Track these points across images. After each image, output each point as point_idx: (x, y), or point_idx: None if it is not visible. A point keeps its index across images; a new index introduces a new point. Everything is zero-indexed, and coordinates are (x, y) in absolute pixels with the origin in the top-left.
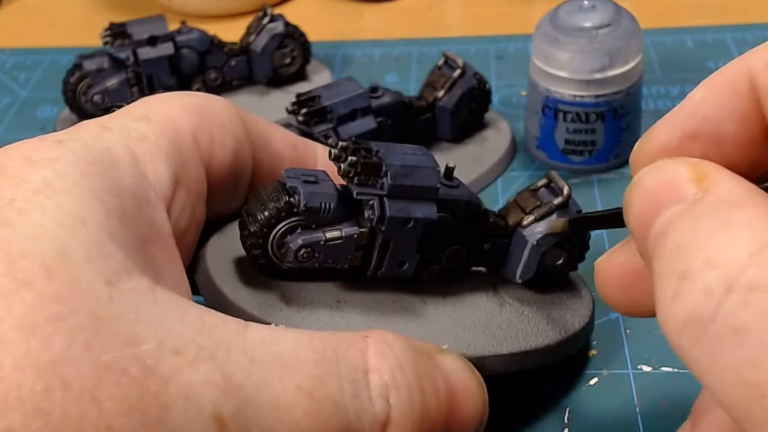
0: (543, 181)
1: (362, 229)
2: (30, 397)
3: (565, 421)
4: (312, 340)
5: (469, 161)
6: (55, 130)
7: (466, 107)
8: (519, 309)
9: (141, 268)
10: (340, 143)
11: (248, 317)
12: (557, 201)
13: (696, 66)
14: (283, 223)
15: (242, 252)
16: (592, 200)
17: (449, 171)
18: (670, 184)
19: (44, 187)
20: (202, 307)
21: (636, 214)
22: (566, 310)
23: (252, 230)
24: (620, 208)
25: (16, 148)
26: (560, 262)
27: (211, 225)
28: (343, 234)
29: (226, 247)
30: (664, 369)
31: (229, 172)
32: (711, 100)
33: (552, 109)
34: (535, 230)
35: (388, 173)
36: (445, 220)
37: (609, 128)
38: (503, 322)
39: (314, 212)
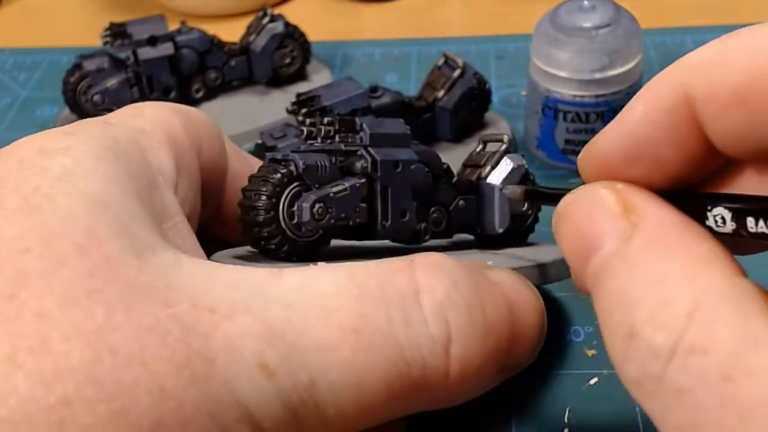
0: (480, 147)
1: (362, 180)
2: (80, 365)
3: (565, 421)
4: (353, 273)
5: None
6: None
7: (466, 107)
8: (514, 252)
9: (162, 244)
10: (307, 120)
11: None
12: (503, 147)
13: None
14: (289, 189)
15: (247, 255)
16: None
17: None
18: (598, 218)
19: (65, 173)
20: (230, 266)
21: (568, 248)
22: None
23: (260, 205)
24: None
25: (29, 141)
26: (525, 207)
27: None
28: (347, 185)
29: (229, 254)
30: None
31: (212, 171)
32: (649, 122)
33: (552, 109)
34: (496, 176)
35: (363, 125)
36: (426, 170)
37: None
38: (504, 256)
39: (313, 170)
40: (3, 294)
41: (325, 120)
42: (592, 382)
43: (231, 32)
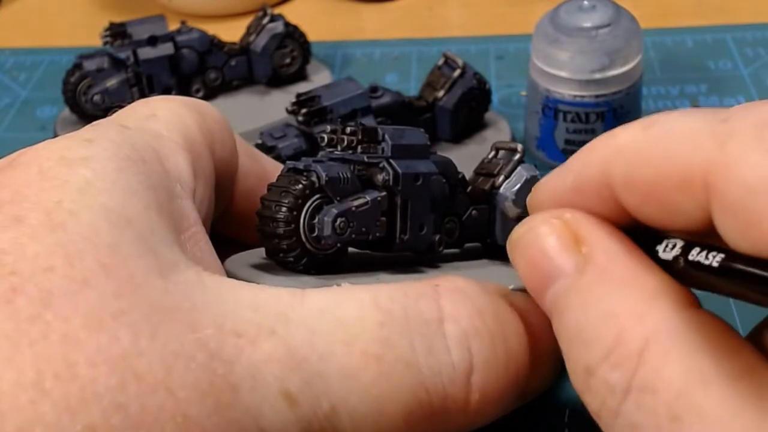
0: (492, 153)
1: (383, 193)
2: (106, 391)
3: (565, 420)
4: (377, 297)
5: (469, 161)
6: (55, 130)
7: (466, 107)
8: None
9: (184, 260)
10: (328, 127)
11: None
12: (517, 157)
13: (696, 66)
14: (310, 201)
15: (262, 263)
16: None
17: None
18: (550, 250)
19: (87, 186)
20: (254, 285)
21: (524, 278)
22: None
23: (281, 217)
24: None
25: (48, 149)
26: None
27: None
28: (369, 199)
29: (245, 260)
30: None
31: (224, 169)
32: (579, 194)
33: (552, 109)
34: (509, 186)
35: (385, 136)
36: (444, 181)
37: (609, 128)
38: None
39: (335, 182)
40: (27, 314)
41: (348, 129)
42: None
43: (231, 32)
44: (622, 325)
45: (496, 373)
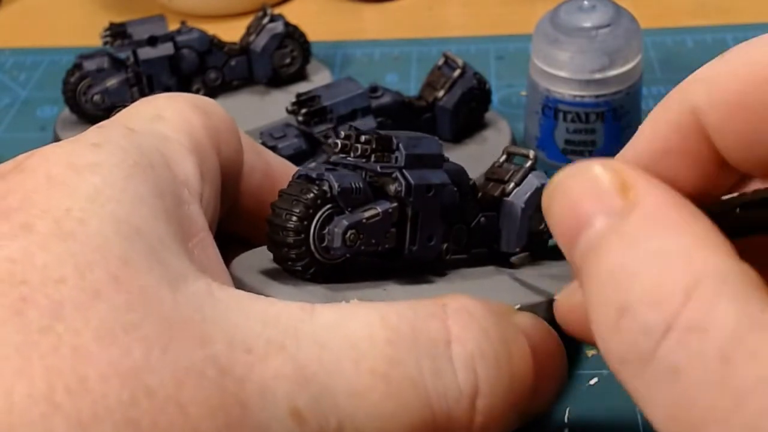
0: (503, 157)
1: (394, 204)
2: (118, 406)
3: (565, 420)
4: (386, 316)
5: (469, 161)
6: (55, 130)
7: (466, 107)
8: (529, 274)
9: (193, 271)
10: (342, 132)
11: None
12: (528, 164)
13: (696, 66)
14: (321, 211)
15: (270, 267)
16: None
17: None
18: (594, 192)
19: (96, 194)
20: (262, 297)
21: (559, 222)
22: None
23: (291, 226)
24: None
25: (56, 154)
26: (543, 226)
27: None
28: (380, 210)
29: (252, 262)
30: None
31: (230, 168)
32: (658, 138)
33: (552, 109)
34: (520, 194)
35: (400, 145)
36: (455, 190)
37: (609, 128)
38: (519, 284)
39: (347, 193)
40: (38, 326)
41: (362, 138)
42: (592, 382)
43: (231, 32)
44: (670, 263)
45: (501, 395)
